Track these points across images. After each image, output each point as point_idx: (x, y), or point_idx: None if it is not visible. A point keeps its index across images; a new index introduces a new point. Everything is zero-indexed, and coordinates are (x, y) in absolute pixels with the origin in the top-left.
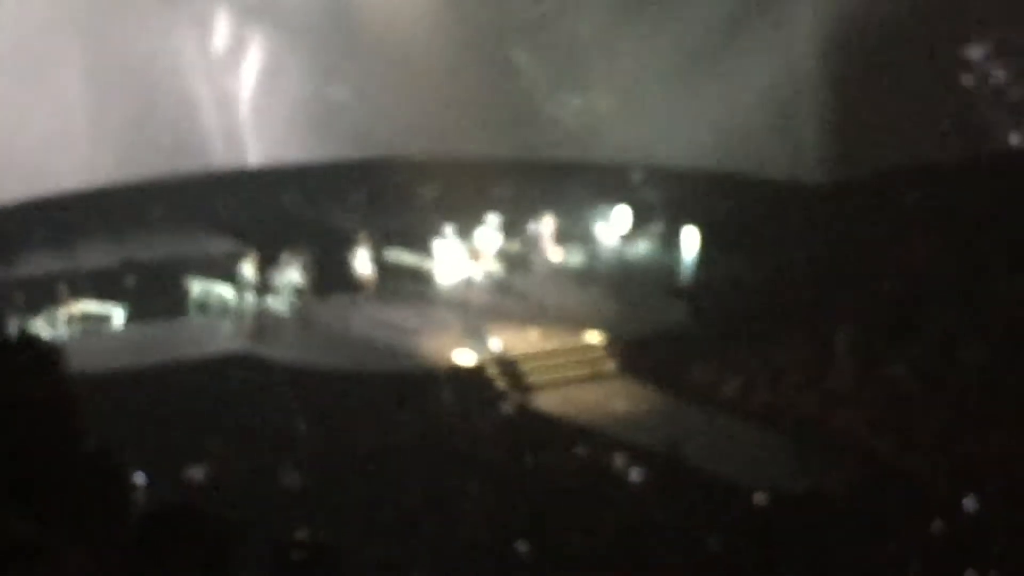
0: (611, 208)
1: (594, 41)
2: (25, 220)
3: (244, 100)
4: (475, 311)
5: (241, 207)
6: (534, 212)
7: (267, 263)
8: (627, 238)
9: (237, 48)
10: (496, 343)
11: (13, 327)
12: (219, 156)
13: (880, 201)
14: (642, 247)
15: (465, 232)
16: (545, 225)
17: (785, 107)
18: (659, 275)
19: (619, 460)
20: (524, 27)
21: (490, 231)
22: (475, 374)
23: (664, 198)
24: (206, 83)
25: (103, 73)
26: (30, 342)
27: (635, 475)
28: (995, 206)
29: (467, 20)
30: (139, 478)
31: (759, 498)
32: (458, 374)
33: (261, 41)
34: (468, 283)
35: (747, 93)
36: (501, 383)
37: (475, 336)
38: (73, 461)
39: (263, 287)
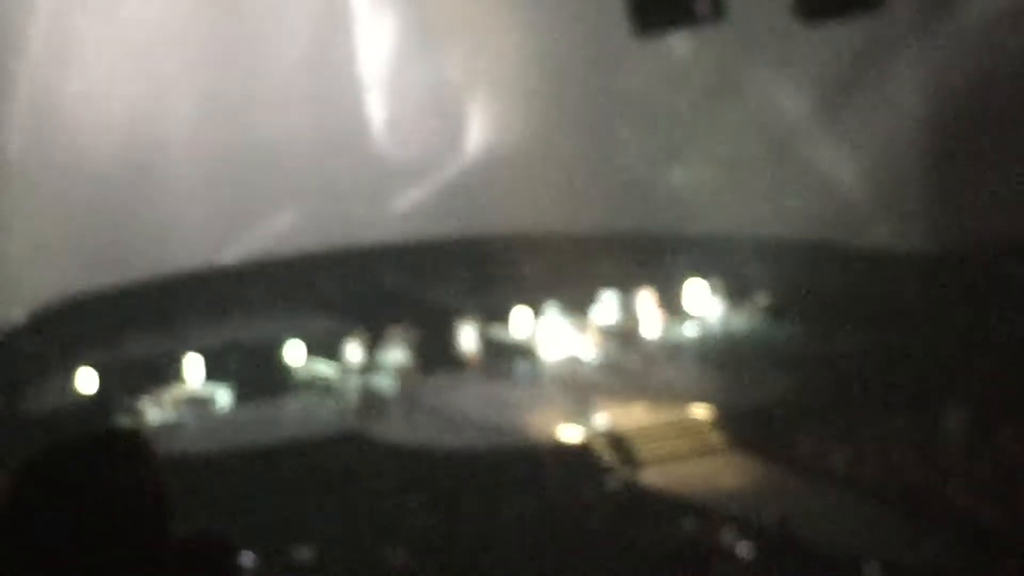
0: (715, 280)
1: (696, 114)
2: (131, 302)
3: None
4: (581, 387)
5: (344, 285)
6: (638, 286)
7: (371, 341)
8: (732, 310)
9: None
10: (602, 419)
11: (118, 409)
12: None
13: (987, 272)
14: (747, 319)
15: (569, 307)
16: (649, 299)
17: (889, 177)
18: (764, 347)
19: (727, 534)
20: (625, 100)
21: (594, 306)
22: (581, 450)
23: (768, 270)
24: None
25: None
26: (116, 432)
27: (744, 550)
28: None
29: (568, 94)
30: (246, 559)
31: (870, 570)
32: (564, 450)
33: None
34: (573, 359)
35: (851, 163)
36: (607, 459)
37: (581, 412)
38: (173, 545)
39: (368, 366)
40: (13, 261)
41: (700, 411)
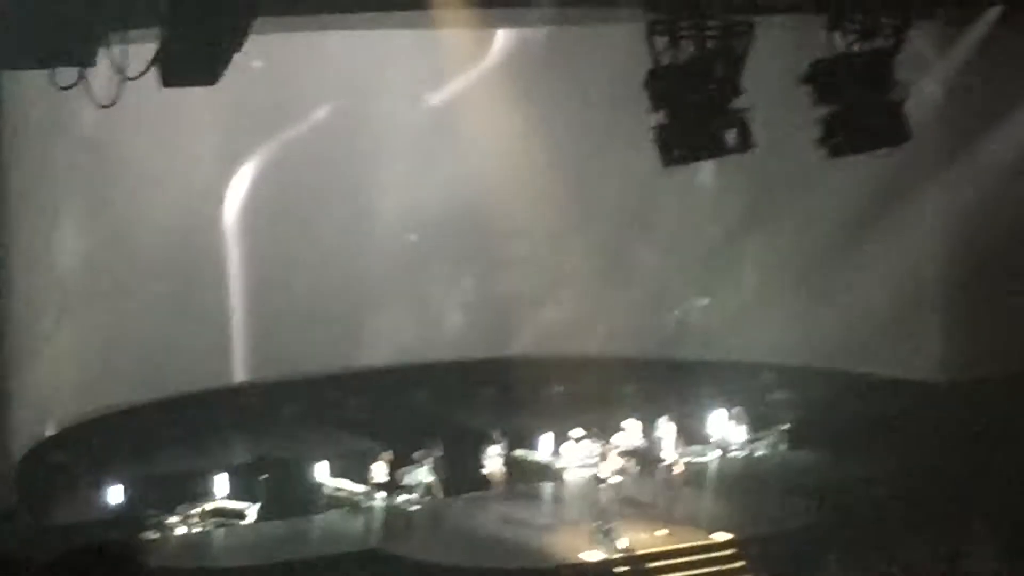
0: (738, 407)
1: (722, 242)
2: (163, 417)
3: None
4: (603, 510)
5: (372, 405)
6: (662, 411)
7: (398, 461)
8: (754, 437)
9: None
10: (623, 542)
11: (145, 524)
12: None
13: (1006, 401)
14: (769, 446)
15: (593, 431)
16: (673, 424)
17: (909, 306)
18: (786, 474)
19: None
20: (653, 229)
21: (618, 430)
22: (603, 573)
23: (790, 397)
24: None
25: None
26: (104, 549)
27: None
28: None
29: (597, 222)
30: None
31: None
32: (586, 573)
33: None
34: (596, 482)
35: (871, 292)
36: None
37: (603, 535)
38: None
39: (394, 484)
40: (45, 375)
41: (721, 536)
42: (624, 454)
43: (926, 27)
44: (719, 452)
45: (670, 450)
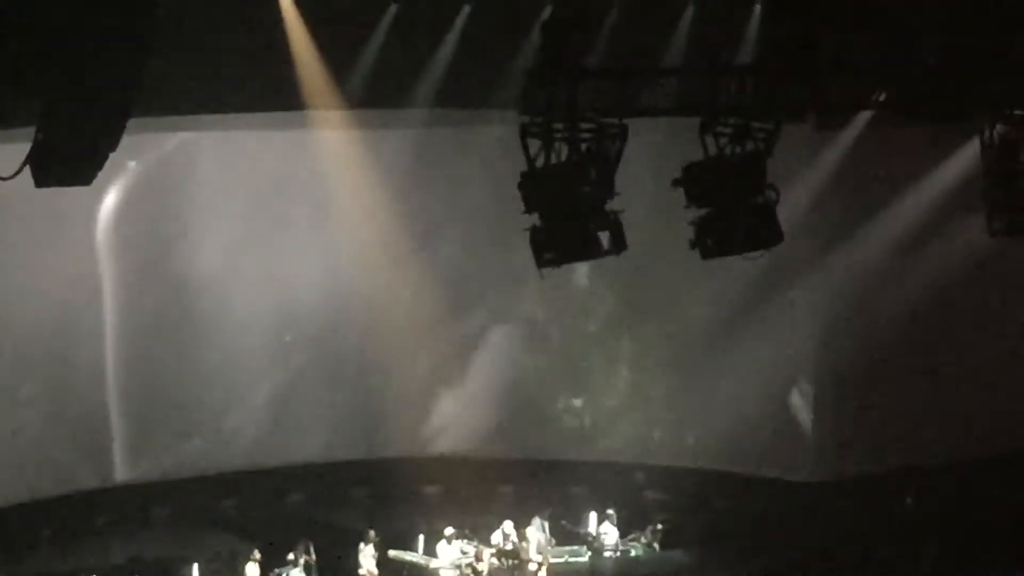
0: (613, 507)
1: (597, 342)
2: (32, 519)
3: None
4: None
5: (247, 506)
6: (536, 511)
7: (272, 561)
8: (628, 537)
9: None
10: None
11: None
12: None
13: (879, 499)
14: (643, 546)
15: (468, 531)
16: (546, 523)
17: (781, 405)
18: (660, 573)
19: None
20: (527, 327)
21: (493, 530)
22: None
23: (663, 497)
24: None
25: None
26: None
27: None
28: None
29: (471, 319)
30: None
31: None
32: None
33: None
34: None
35: (746, 391)
36: None
37: None
38: None
39: None
40: None
41: None
42: (498, 554)
43: (797, 130)
44: (591, 553)
45: (545, 549)
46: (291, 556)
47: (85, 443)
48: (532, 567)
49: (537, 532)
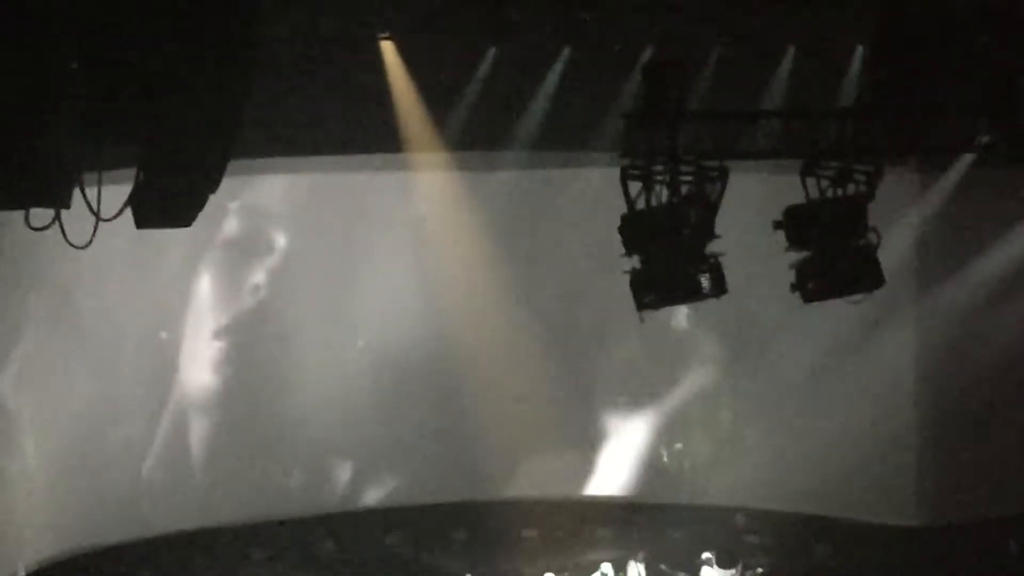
0: (712, 551)
1: (695, 385)
2: (130, 560)
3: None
4: None
5: (345, 547)
6: (635, 555)
7: None
8: None
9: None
10: None
11: None
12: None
13: (980, 546)
14: None
15: (566, 574)
16: (643, 567)
17: (881, 450)
18: None
19: None
20: (626, 371)
21: (591, 573)
22: None
23: (763, 542)
24: None
25: None
26: None
27: None
28: None
29: (567, 365)
30: None
31: None
32: None
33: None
34: None
35: (847, 434)
36: None
37: None
38: None
39: None
40: (16, 516)
41: None
42: None
43: (899, 173)
44: None
45: None
46: None
47: (189, 486)
48: None
49: (644, 573)
